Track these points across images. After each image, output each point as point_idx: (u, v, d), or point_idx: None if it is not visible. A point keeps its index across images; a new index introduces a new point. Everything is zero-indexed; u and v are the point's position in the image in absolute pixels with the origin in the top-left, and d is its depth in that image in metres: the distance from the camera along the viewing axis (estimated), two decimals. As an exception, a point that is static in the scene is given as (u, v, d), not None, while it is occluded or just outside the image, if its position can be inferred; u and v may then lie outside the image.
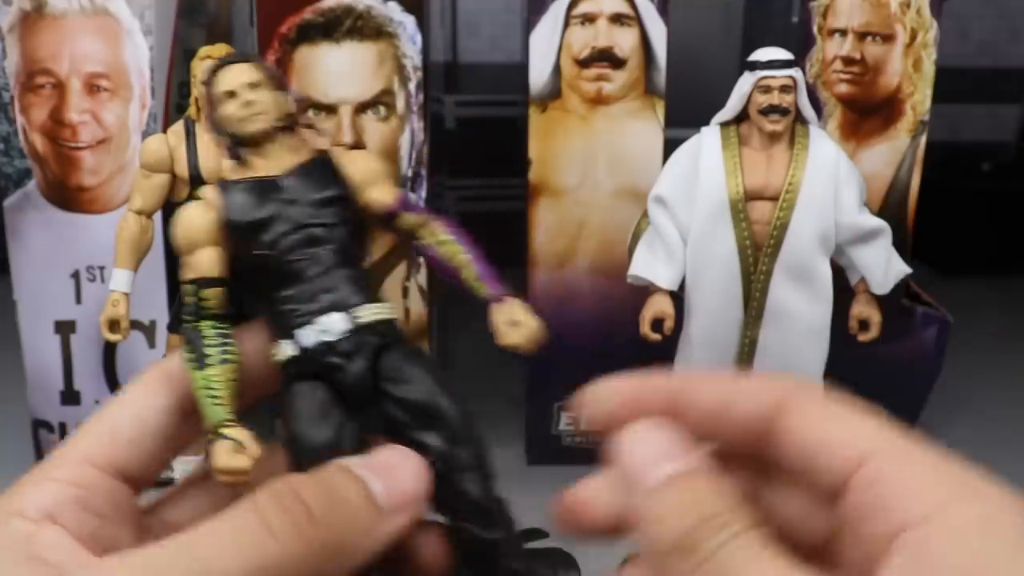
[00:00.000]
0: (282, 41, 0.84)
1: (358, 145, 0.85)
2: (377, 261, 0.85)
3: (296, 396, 0.36)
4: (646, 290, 0.76)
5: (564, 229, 0.86)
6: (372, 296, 0.37)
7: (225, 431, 0.35)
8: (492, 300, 0.38)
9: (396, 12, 0.83)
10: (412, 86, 0.85)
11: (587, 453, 0.96)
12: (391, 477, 0.32)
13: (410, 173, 0.86)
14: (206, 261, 0.38)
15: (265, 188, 0.38)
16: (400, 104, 0.84)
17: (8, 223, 0.84)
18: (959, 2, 1.64)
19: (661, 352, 0.78)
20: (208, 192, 0.39)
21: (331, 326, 0.36)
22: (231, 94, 0.39)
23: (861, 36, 0.82)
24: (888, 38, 0.82)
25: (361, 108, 0.85)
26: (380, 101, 0.85)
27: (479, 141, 1.46)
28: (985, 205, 1.56)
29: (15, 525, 0.30)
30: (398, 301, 0.88)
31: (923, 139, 0.85)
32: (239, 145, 0.40)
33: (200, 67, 0.71)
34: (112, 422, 0.35)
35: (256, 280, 0.38)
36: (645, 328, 0.76)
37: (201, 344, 0.37)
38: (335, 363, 0.36)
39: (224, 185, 0.39)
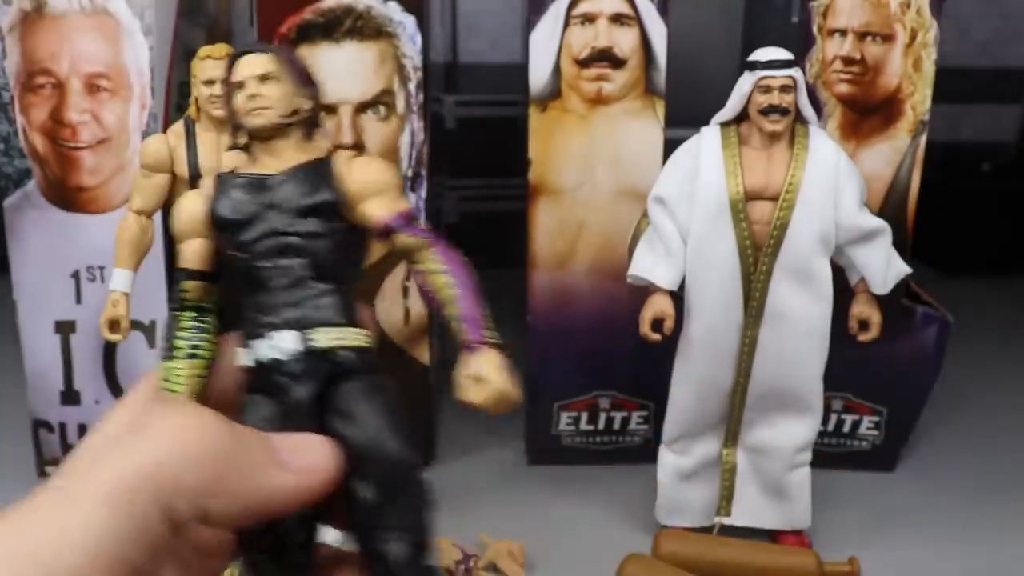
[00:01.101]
0: (282, 41, 0.84)
1: (358, 145, 0.85)
2: (377, 261, 0.85)
3: (247, 407, 0.35)
4: (646, 290, 0.76)
5: (564, 229, 0.86)
6: (343, 318, 0.35)
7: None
8: (465, 347, 0.36)
9: (396, 12, 0.83)
10: (412, 86, 0.85)
11: (587, 453, 0.96)
12: (298, 443, 0.31)
13: (410, 173, 0.86)
14: (190, 252, 0.38)
15: (255, 186, 0.37)
16: (400, 104, 0.84)
17: (8, 223, 0.84)
18: (959, 2, 1.64)
19: (661, 352, 0.78)
20: (207, 182, 0.39)
21: (283, 344, 0.35)
22: (240, 84, 0.38)
23: (861, 36, 0.82)
24: (888, 38, 0.82)
25: (361, 108, 0.85)
26: (380, 101, 0.85)
27: (479, 141, 1.46)
28: (985, 205, 1.56)
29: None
30: (398, 301, 0.88)
31: (923, 139, 0.85)
32: (249, 137, 0.39)
33: (200, 67, 0.71)
34: (100, 446, 0.35)
35: (231, 280, 0.37)
36: (645, 328, 0.76)
37: (174, 334, 0.36)
38: (281, 383, 0.35)
39: (223, 176, 0.38)
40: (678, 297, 0.76)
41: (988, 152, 1.71)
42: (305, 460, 0.30)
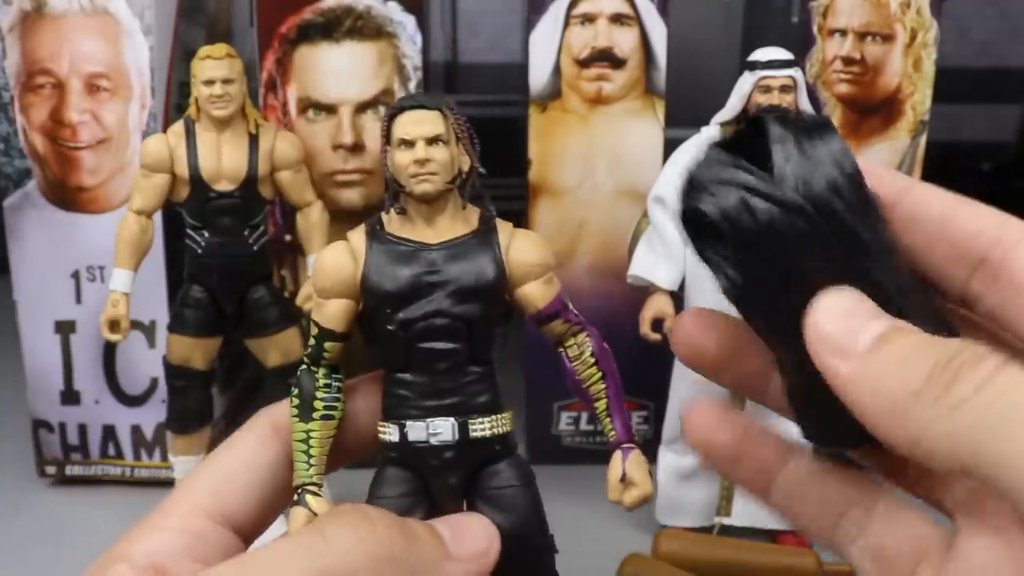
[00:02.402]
0: (282, 41, 0.84)
1: (358, 145, 0.85)
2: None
3: (385, 482, 0.35)
4: (646, 290, 0.76)
5: (564, 229, 0.86)
6: (495, 403, 0.36)
7: (308, 498, 0.34)
8: (614, 446, 0.37)
9: (396, 12, 0.83)
10: (412, 86, 0.85)
11: (587, 453, 0.96)
12: (461, 528, 0.32)
13: (410, 173, 0.86)
14: (334, 313, 0.36)
15: (414, 256, 0.35)
16: (400, 104, 0.84)
17: (8, 223, 0.84)
18: (959, 2, 1.64)
19: (661, 352, 0.78)
20: (355, 237, 0.36)
21: (441, 431, 0.34)
22: (407, 143, 0.35)
23: (861, 36, 0.82)
24: (888, 38, 0.82)
25: (361, 108, 0.85)
26: (380, 101, 0.85)
27: (479, 141, 1.46)
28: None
29: (118, 570, 0.30)
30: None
31: (923, 139, 0.85)
32: (406, 197, 0.36)
33: (200, 67, 0.71)
34: (224, 471, 0.34)
35: (381, 351, 0.36)
36: (645, 328, 0.76)
37: (312, 393, 0.35)
38: (434, 466, 0.35)
39: (375, 236, 0.36)
40: (678, 297, 0.76)
41: (988, 152, 1.71)
42: (472, 546, 0.32)
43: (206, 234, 0.74)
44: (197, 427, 0.79)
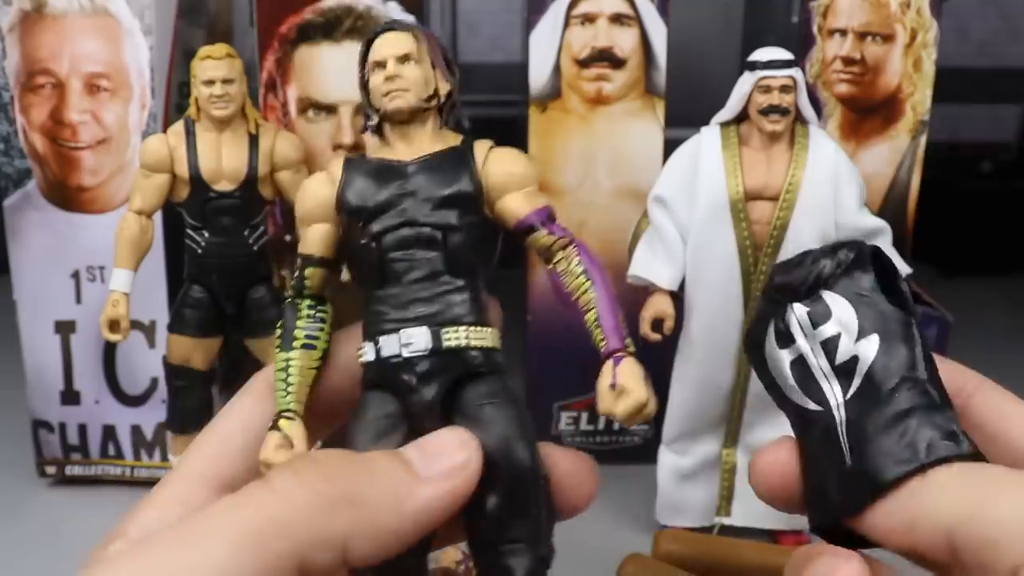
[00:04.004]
0: (282, 41, 0.84)
1: (358, 145, 0.85)
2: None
3: (366, 406, 0.33)
4: (646, 290, 0.76)
5: (564, 229, 0.86)
6: (475, 316, 0.33)
7: (281, 422, 0.32)
8: (604, 355, 0.34)
9: (396, 12, 0.83)
10: (412, 86, 0.85)
11: (587, 453, 0.96)
12: (431, 446, 0.30)
13: (410, 173, 0.86)
14: (313, 238, 0.35)
15: (389, 173, 0.34)
16: (400, 104, 0.84)
17: (8, 223, 0.84)
18: (959, 2, 1.64)
19: (661, 352, 0.78)
20: (333, 164, 0.36)
21: (414, 341, 0.33)
22: (379, 64, 0.35)
23: (861, 36, 0.82)
24: (888, 38, 0.82)
25: (361, 108, 0.85)
26: (380, 101, 0.85)
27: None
28: (985, 205, 1.56)
29: (115, 547, 0.29)
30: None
31: (923, 139, 0.85)
32: (383, 120, 0.36)
33: (200, 67, 0.71)
34: (221, 434, 0.34)
35: (359, 271, 0.35)
36: (645, 328, 0.76)
37: (293, 322, 0.35)
38: (408, 382, 0.33)
39: (351, 161, 0.35)
40: (678, 297, 0.76)
41: (988, 152, 1.71)
42: (447, 463, 0.29)
43: (206, 234, 0.74)
44: (197, 427, 0.79)
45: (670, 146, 0.80)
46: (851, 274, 0.30)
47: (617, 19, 0.82)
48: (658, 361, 0.80)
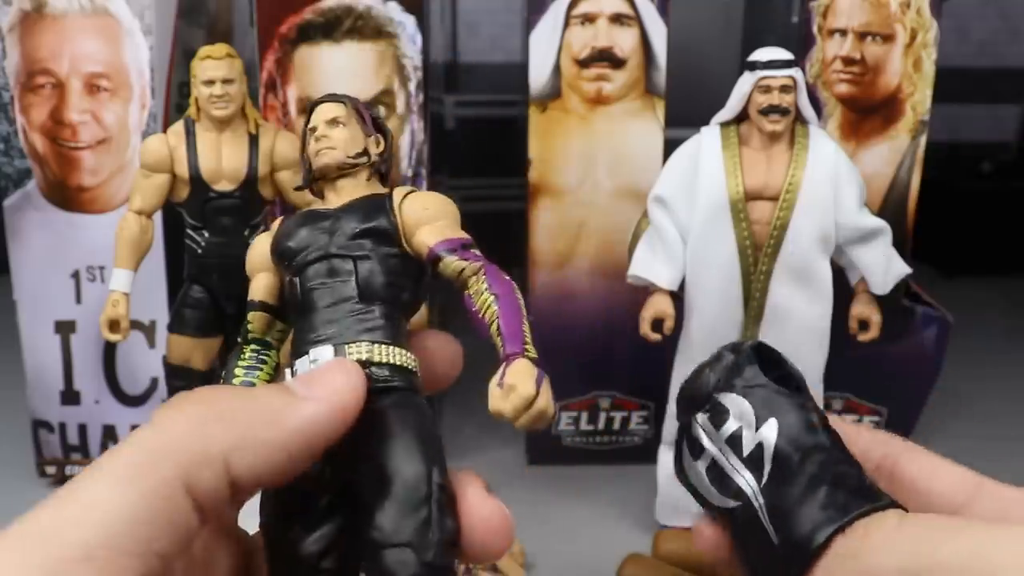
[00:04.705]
0: (282, 41, 0.84)
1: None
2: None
3: None
4: (646, 290, 0.76)
5: (564, 229, 0.86)
6: (384, 336, 0.34)
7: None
8: (501, 360, 0.33)
9: (396, 12, 0.83)
10: (412, 86, 0.85)
11: (587, 453, 0.96)
12: (315, 375, 0.31)
13: (410, 173, 0.87)
14: (256, 286, 0.38)
15: (316, 218, 0.37)
16: (400, 104, 0.85)
17: (8, 223, 0.84)
18: (959, 2, 1.64)
19: (661, 352, 0.78)
20: (276, 221, 0.39)
21: (319, 358, 0.34)
22: (313, 130, 0.39)
23: (861, 36, 0.82)
24: (888, 38, 0.82)
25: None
26: (380, 101, 0.85)
27: (479, 141, 1.46)
28: (985, 205, 1.56)
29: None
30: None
31: (923, 139, 0.85)
32: (317, 179, 0.39)
33: (200, 67, 0.71)
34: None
35: (288, 308, 0.37)
36: (645, 328, 0.76)
37: (233, 364, 0.37)
38: None
39: (287, 216, 0.39)
40: (678, 297, 0.76)
41: (988, 152, 1.71)
42: (328, 385, 0.30)
43: (206, 234, 0.74)
44: (197, 427, 0.79)
45: (670, 146, 0.80)
46: (739, 372, 0.33)
47: (617, 19, 0.82)
48: (658, 361, 0.80)
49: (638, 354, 0.86)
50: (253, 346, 0.38)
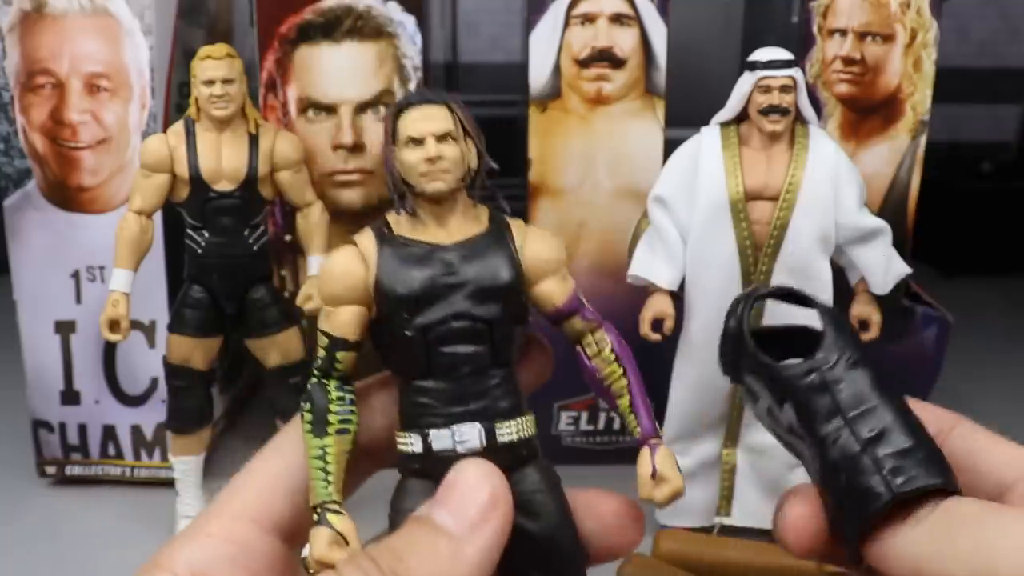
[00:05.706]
0: (282, 41, 0.84)
1: (358, 145, 0.85)
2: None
3: (408, 494, 0.33)
4: (646, 290, 0.76)
5: (564, 229, 0.86)
6: (519, 406, 0.34)
7: (329, 517, 0.32)
8: (641, 442, 0.36)
9: (396, 12, 0.83)
10: (412, 86, 0.85)
11: (587, 453, 0.96)
12: (457, 500, 0.30)
13: (410, 173, 0.86)
14: (346, 321, 0.34)
15: (429, 258, 0.33)
16: (400, 104, 0.84)
17: (8, 223, 0.84)
18: (959, 2, 1.64)
19: (661, 352, 0.78)
20: (364, 241, 0.34)
21: (467, 439, 0.33)
22: (416, 141, 0.33)
23: (861, 36, 0.82)
24: (888, 38, 0.82)
25: (361, 108, 0.85)
26: (380, 101, 0.85)
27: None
28: (985, 205, 1.56)
29: None
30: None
31: (923, 139, 0.85)
32: (415, 197, 0.34)
33: (200, 67, 0.71)
34: (267, 475, 0.33)
35: (396, 357, 0.34)
36: (645, 328, 0.76)
37: (324, 406, 0.34)
38: None
39: (384, 238, 0.34)
40: (678, 297, 0.76)
41: (988, 152, 1.71)
42: (474, 508, 0.30)
43: (206, 234, 0.74)
44: (197, 427, 0.79)
45: (670, 146, 0.80)
46: (748, 354, 0.35)
47: (617, 19, 0.82)
48: (658, 361, 0.80)
49: (638, 354, 0.86)
50: (336, 383, 0.34)
